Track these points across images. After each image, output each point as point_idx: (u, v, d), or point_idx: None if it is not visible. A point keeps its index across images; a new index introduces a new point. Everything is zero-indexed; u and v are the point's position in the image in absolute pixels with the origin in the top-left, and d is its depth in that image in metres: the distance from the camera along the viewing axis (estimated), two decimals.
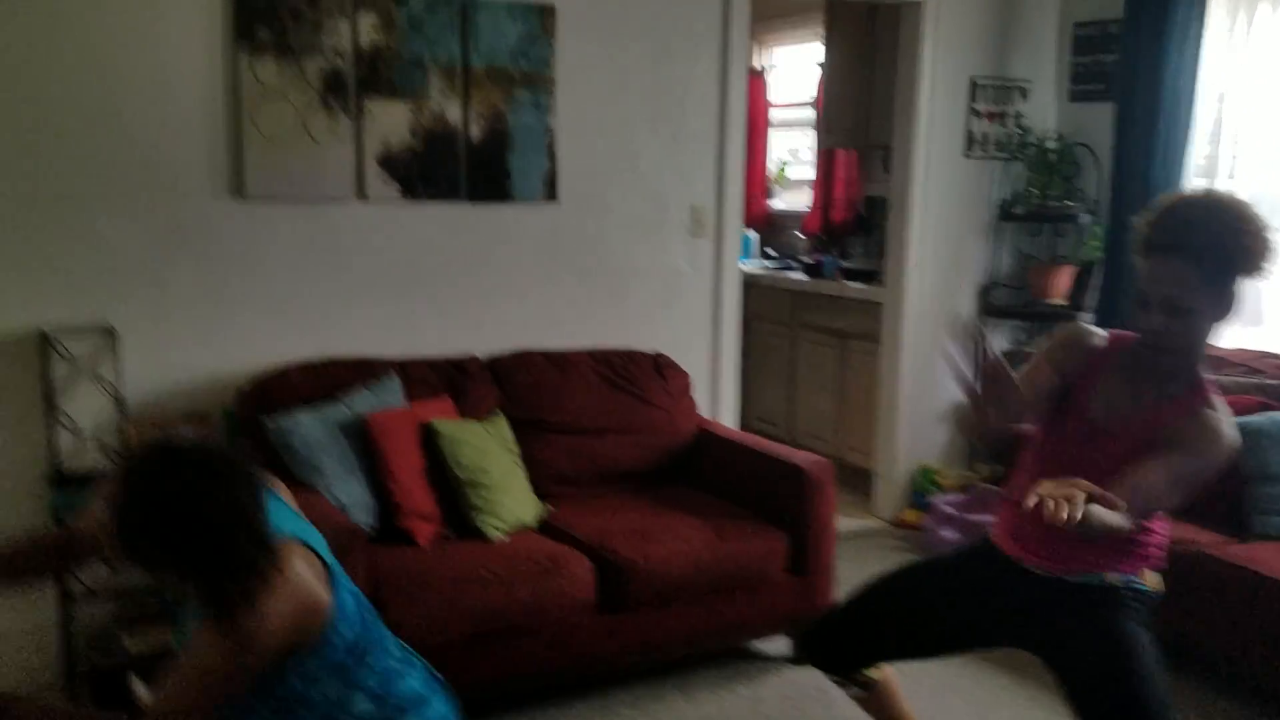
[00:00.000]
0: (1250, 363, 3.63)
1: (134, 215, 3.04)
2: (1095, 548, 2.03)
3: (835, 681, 2.37)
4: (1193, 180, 4.01)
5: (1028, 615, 2.13)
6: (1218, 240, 1.91)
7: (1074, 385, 2.13)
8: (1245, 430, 3.25)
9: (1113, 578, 2.06)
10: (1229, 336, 3.99)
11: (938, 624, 2.26)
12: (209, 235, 3.14)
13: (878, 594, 2.31)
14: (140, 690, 2.78)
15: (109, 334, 2.95)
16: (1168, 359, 2.00)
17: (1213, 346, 2.04)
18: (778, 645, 3.34)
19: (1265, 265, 1.93)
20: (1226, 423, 1.97)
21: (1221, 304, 1.95)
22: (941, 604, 2.24)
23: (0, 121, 2.87)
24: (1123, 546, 2.03)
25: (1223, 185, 4.02)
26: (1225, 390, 3.47)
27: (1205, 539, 3.14)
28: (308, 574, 1.60)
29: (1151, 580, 2.09)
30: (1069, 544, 2.02)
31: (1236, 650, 2.99)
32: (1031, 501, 1.71)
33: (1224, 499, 3.26)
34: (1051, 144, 4.39)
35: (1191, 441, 1.93)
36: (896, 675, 2.39)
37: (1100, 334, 2.15)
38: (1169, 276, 1.93)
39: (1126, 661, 1.98)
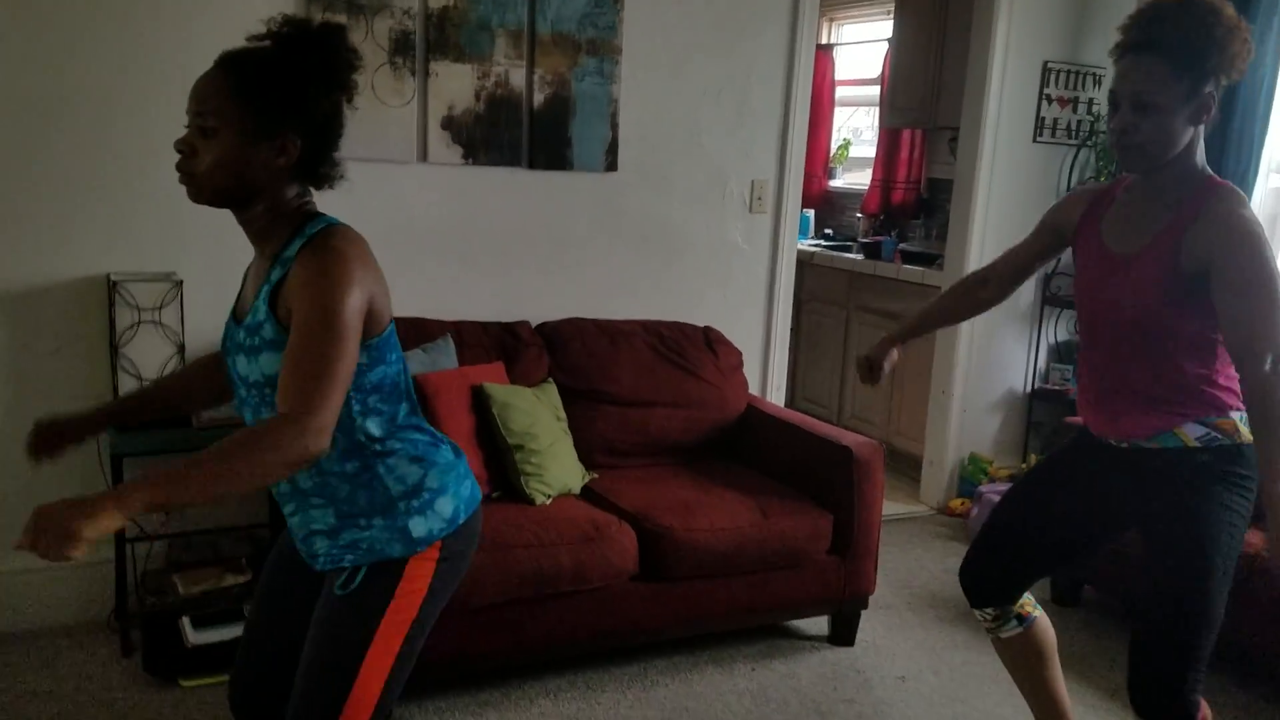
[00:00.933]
0: None
1: None
2: (1162, 406, 2.03)
3: (990, 620, 2.36)
4: (1267, 174, 3.91)
5: (1125, 493, 2.15)
6: (1187, 34, 1.89)
7: (1080, 230, 2.17)
8: None
9: (1188, 433, 2.02)
10: None
11: (1063, 530, 2.28)
12: None
13: (1006, 510, 2.36)
14: (190, 633, 2.86)
15: (175, 284, 3.01)
16: (1140, 163, 1.98)
17: (1196, 151, 1.98)
18: (819, 625, 3.34)
19: (1237, 63, 1.92)
20: (1245, 210, 1.94)
21: (1192, 103, 1.91)
22: (1061, 508, 2.27)
23: (82, 85, 2.93)
24: (1189, 398, 2.01)
25: None
26: None
27: (1261, 539, 3.07)
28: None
29: (1240, 430, 2.01)
30: (1129, 405, 2.06)
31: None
32: None
33: None
34: None
35: (1235, 260, 1.90)
36: (1053, 634, 2.37)
37: (1101, 184, 2.19)
38: (1137, 72, 1.92)
39: (1195, 544, 1.98)
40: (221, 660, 2.83)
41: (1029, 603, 2.38)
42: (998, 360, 4.52)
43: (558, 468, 3.11)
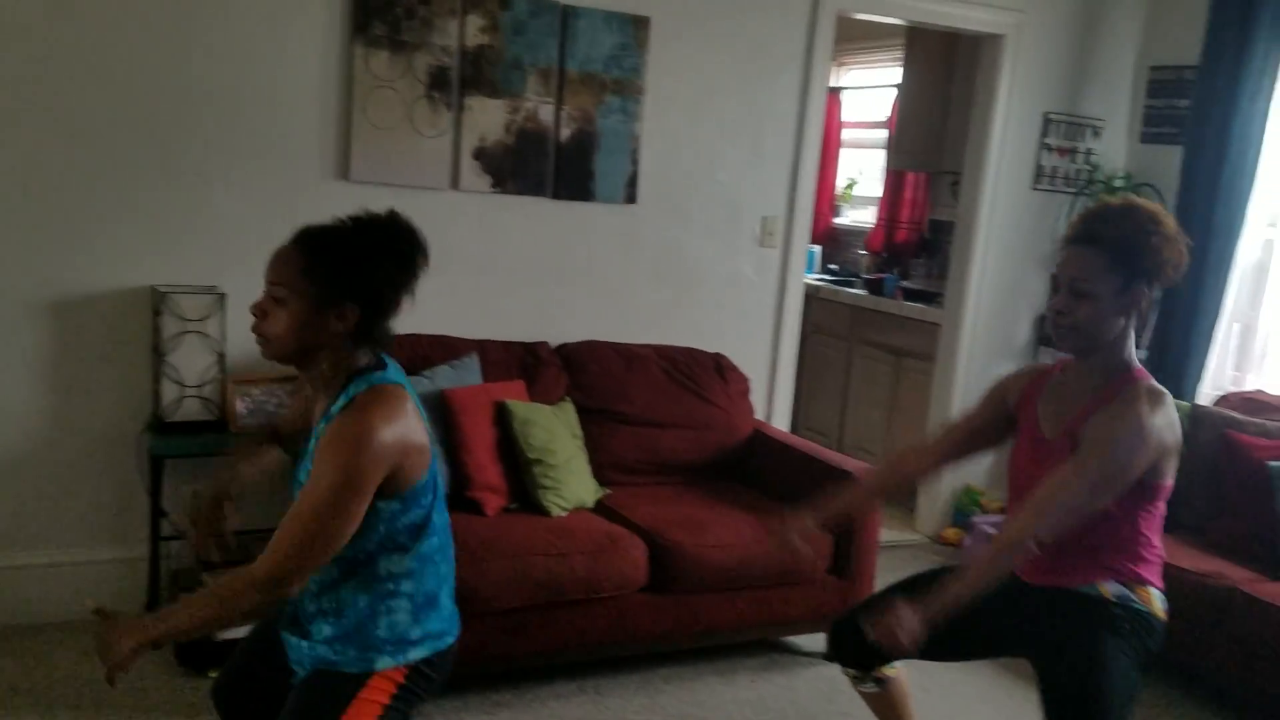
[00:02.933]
0: None
1: (248, 190, 3.27)
2: (1090, 561, 2.14)
3: (852, 677, 2.48)
4: (1252, 228, 4.10)
5: (1028, 622, 2.21)
6: (1127, 235, 2.06)
7: (1021, 405, 2.29)
8: None
9: (1108, 589, 2.13)
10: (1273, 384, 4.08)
11: (950, 629, 2.26)
12: (315, 213, 3.27)
13: (902, 594, 2.35)
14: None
15: (219, 297, 3.18)
16: (1073, 343, 2.12)
17: (1125, 344, 2.11)
18: (816, 642, 3.49)
19: (1167, 270, 2.07)
20: (1148, 407, 2.02)
21: (1125, 296, 2.06)
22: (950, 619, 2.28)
23: (136, 103, 3.12)
24: (1114, 558, 2.12)
25: None
26: (1269, 435, 3.59)
27: (1238, 575, 3.24)
28: (415, 415, 1.78)
29: (1153, 602, 2.14)
30: (1063, 560, 2.14)
31: (1265, 684, 3.07)
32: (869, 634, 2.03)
33: (1260, 539, 3.37)
34: (1119, 182, 4.49)
35: (1101, 432, 2.03)
36: (908, 679, 2.51)
37: (1044, 365, 2.34)
38: (1078, 261, 2.09)
39: (1096, 686, 2.04)
40: None
41: (889, 668, 2.46)
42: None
43: (574, 482, 3.27)
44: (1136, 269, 2.06)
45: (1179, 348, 4.21)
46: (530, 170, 3.62)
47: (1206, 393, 4.21)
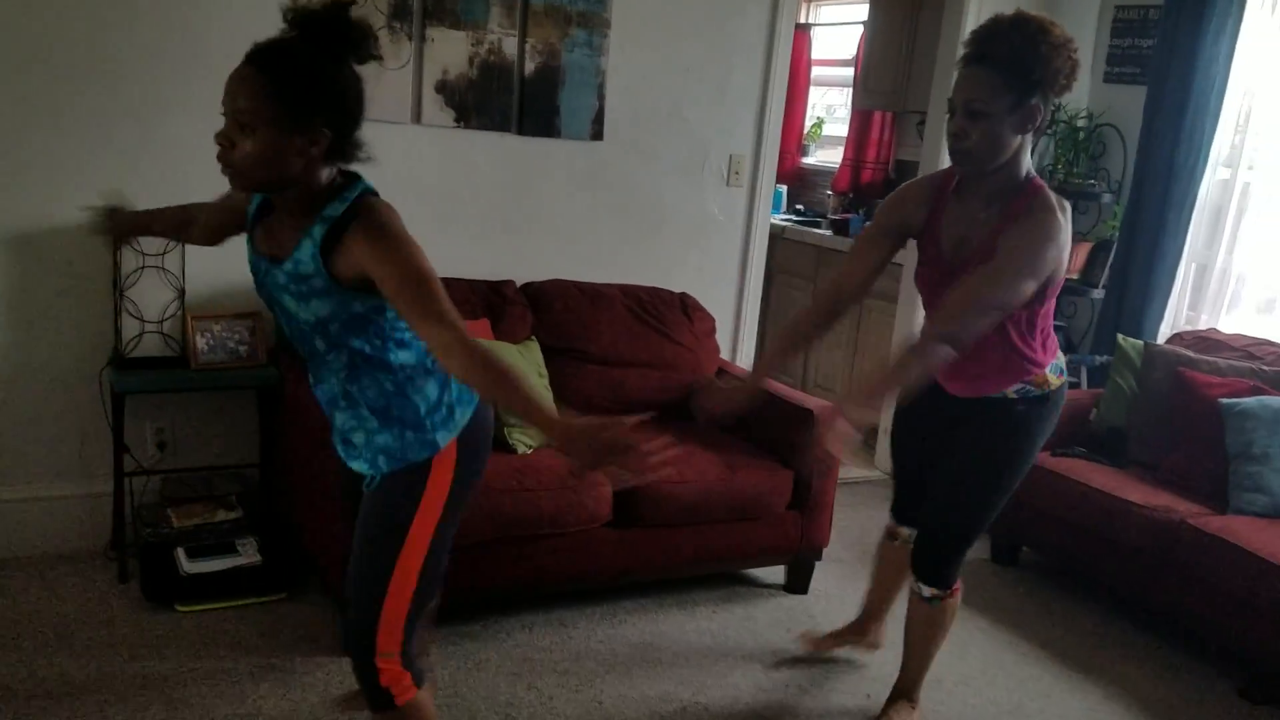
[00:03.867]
0: (1248, 349, 3.80)
1: (206, 122, 3.20)
2: (993, 375, 2.41)
3: (905, 539, 2.84)
4: (1214, 167, 4.15)
5: (953, 425, 2.54)
6: (1017, 49, 2.10)
7: (924, 231, 2.39)
8: (1235, 412, 3.46)
9: (1011, 391, 2.43)
10: (1238, 325, 4.16)
11: (918, 463, 2.73)
12: None
13: (894, 457, 2.84)
14: (184, 562, 3.03)
15: None
16: (970, 165, 2.19)
17: (1023, 159, 2.21)
18: (775, 574, 3.57)
19: (1061, 78, 2.12)
20: (1060, 214, 2.16)
21: (1019, 113, 2.12)
22: (912, 448, 2.74)
23: (91, 33, 3.04)
24: (1012, 370, 2.39)
25: (1243, 176, 4.16)
26: (1220, 373, 3.68)
27: (1186, 509, 3.33)
28: None
29: (1049, 381, 2.43)
30: (971, 375, 2.43)
31: (1209, 614, 3.18)
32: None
33: (1209, 474, 3.46)
34: (1081, 122, 4.51)
35: (1019, 240, 2.14)
36: (906, 553, 2.79)
37: (933, 175, 2.42)
38: (971, 82, 2.13)
39: (994, 477, 2.46)
40: (215, 588, 3.01)
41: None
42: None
43: None
44: (1029, 82, 2.10)
45: (1139, 289, 4.27)
46: (494, 105, 3.58)
47: (1165, 333, 4.29)
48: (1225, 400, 3.48)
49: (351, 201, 1.76)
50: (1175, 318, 4.38)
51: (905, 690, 2.76)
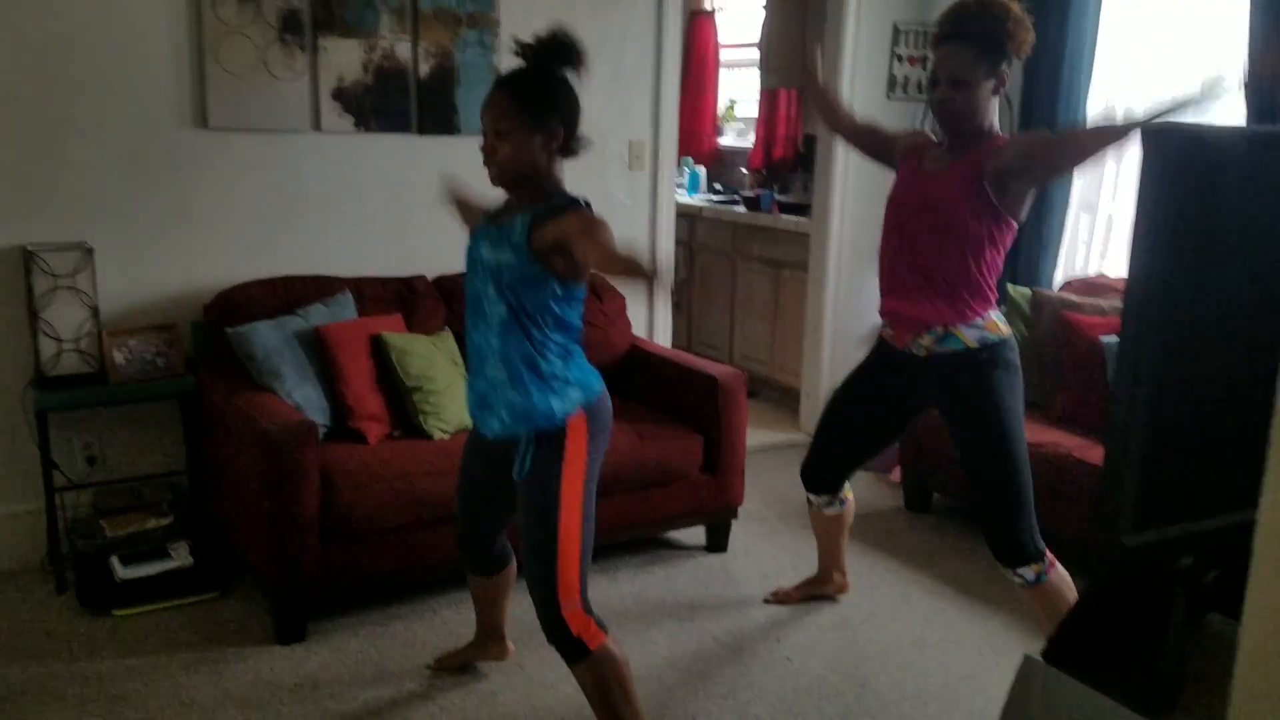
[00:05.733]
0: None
1: (107, 143, 3.32)
2: (944, 305, 2.60)
3: (822, 504, 3.08)
4: (1092, 122, 4.35)
5: (920, 388, 2.73)
6: (988, 26, 2.50)
7: (905, 159, 2.76)
8: (1111, 351, 3.66)
9: (968, 337, 2.60)
10: (1113, 268, 4.37)
11: (870, 428, 2.94)
12: (176, 162, 3.43)
13: (827, 422, 2.98)
14: (119, 569, 3.14)
15: (87, 252, 3.24)
16: (954, 124, 2.57)
17: (991, 118, 2.59)
18: (694, 535, 3.74)
19: (1023, 47, 2.55)
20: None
21: (992, 78, 2.53)
22: (866, 412, 2.92)
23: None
24: (959, 305, 2.60)
25: None
26: (1104, 314, 3.88)
27: (1073, 444, 3.53)
28: None
29: (999, 326, 2.62)
30: (923, 291, 2.62)
31: (1097, 540, 3.39)
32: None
33: (1093, 408, 3.67)
34: None
35: (1026, 138, 2.60)
36: (854, 509, 3.12)
37: (931, 136, 2.78)
38: (952, 57, 2.53)
39: (999, 429, 2.58)
40: (150, 592, 3.13)
41: (847, 489, 3.10)
42: (861, 297, 4.93)
43: (455, 407, 3.42)
44: (999, 53, 2.51)
45: (1033, 240, 4.47)
46: (392, 107, 3.71)
47: (1060, 280, 4.50)
48: (1106, 338, 3.68)
49: (573, 200, 2.23)
50: (1069, 265, 4.59)
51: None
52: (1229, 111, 3.58)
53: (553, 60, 2.21)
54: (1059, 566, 2.67)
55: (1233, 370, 1.41)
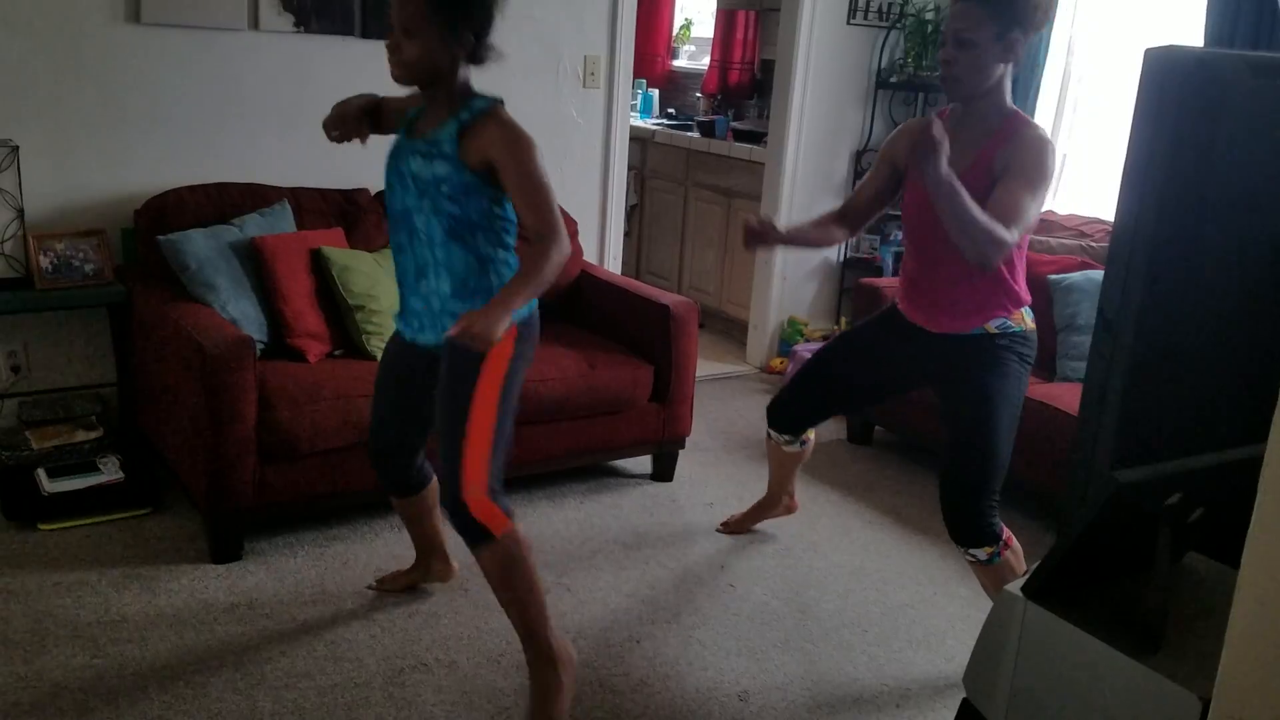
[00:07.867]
0: (1080, 228, 4.02)
1: (34, 36, 3.11)
2: (975, 307, 2.48)
3: (784, 442, 3.02)
4: (1053, 58, 4.32)
5: (931, 362, 2.61)
6: None
7: (910, 170, 2.53)
8: (1062, 286, 3.68)
9: (991, 325, 2.49)
10: (1061, 204, 4.38)
11: (860, 386, 2.88)
12: (107, 59, 3.23)
13: (814, 368, 2.87)
14: (45, 482, 3.03)
15: (12, 150, 3.06)
16: (960, 92, 2.40)
17: (1004, 91, 2.40)
18: (640, 464, 3.72)
19: (1037, 15, 2.36)
20: (1043, 133, 2.38)
21: (1002, 43, 2.33)
22: (860, 370, 2.82)
23: None
24: (993, 303, 2.48)
25: (1077, 67, 4.35)
26: (1052, 251, 3.89)
27: None
28: None
29: (1025, 320, 2.52)
30: (950, 312, 2.52)
31: (1036, 477, 3.43)
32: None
33: (1040, 345, 3.68)
34: (930, 15, 4.63)
35: (1020, 159, 2.34)
36: (813, 447, 3.08)
37: (928, 117, 2.55)
38: (961, 14, 2.36)
39: (987, 416, 2.47)
40: (78, 507, 3.02)
41: (810, 431, 3.04)
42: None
43: None
44: (1012, 17, 2.31)
45: None
46: (335, 7, 3.53)
47: None
48: (1053, 276, 3.70)
49: (490, 102, 2.20)
50: None
51: None
52: None
53: None
54: (1014, 544, 2.59)
55: (1222, 308, 1.38)
